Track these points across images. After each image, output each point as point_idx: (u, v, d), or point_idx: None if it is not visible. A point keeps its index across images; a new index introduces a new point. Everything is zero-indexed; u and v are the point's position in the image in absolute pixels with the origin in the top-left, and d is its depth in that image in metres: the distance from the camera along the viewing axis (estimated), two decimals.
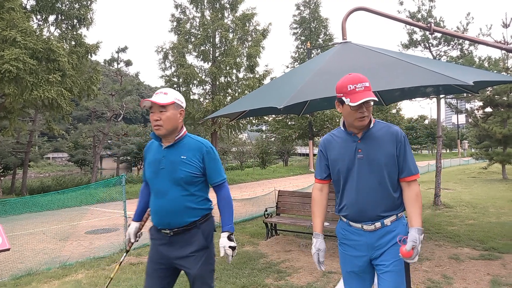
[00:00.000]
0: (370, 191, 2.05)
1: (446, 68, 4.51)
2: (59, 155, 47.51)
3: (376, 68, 4.59)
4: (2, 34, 9.60)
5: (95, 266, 5.18)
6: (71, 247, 6.74)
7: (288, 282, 4.28)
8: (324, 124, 25.68)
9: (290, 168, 27.95)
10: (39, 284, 4.54)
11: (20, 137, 20.67)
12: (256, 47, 18.83)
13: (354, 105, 1.92)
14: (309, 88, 4.80)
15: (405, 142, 2.08)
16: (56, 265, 5.40)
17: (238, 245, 5.95)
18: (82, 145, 31.49)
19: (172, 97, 2.25)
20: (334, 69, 5.09)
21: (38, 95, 10.17)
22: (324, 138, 2.27)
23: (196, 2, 19.15)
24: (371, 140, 2.06)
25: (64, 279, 4.69)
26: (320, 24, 27.32)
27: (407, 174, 2.05)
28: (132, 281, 4.43)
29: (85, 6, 13.04)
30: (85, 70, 13.11)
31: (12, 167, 22.49)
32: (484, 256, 5.01)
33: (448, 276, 4.30)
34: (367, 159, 2.05)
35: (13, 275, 5.02)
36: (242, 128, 21.78)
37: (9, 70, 9.37)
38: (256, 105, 5.24)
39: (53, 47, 10.23)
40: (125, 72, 29.11)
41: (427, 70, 4.11)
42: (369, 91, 1.97)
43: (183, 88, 18.96)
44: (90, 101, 15.71)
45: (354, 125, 2.05)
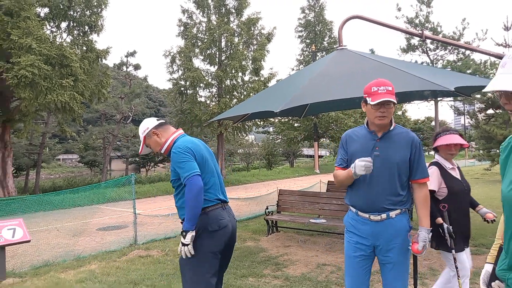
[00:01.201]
0: (379, 185, 2.27)
1: (431, 74, 4.83)
2: (69, 156, 48.30)
3: (368, 74, 4.91)
4: (18, 42, 10.14)
5: (107, 259, 5.58)
6: (84, 242, 7.16)
7: (284, 272, 4.63)
8: (329, 126, 25.91)
9: (295, 169, 28.23)
10: (56, 273, 4.94)
11: (32, 139, 21.33)
12: (261, 50, 19.21)
13: (374, 103, 2.19)
14: (305, 92, 5.14)
15: (420, 148, 2.33)
16: (71, 257, 5.82)
17: (241, 241, 6.32)
18: (92, 147, 32.16)
19: (140, 135, 2.71)
20: (330, 74, 5.44)
21: (52, 99, 10.68)
22: (346, 132, 2.50)
23: (202, 7, 19.59)
24: (389, 141, 2.30)
25: (79, 269, 5.09)
26: (325, 27, 27.61)
27: (420, 176, 2.31)
28: (141, 271, 4.82)
29: (96, 13, 13.56)
30: (96, 74, 13.63)
31: (25, 168, 23.20)
32: (472, 251, 5.26)
33: (434, 268, 4.61)
34: (382, 157, 2.28)
35: (32, 266, 5.46)
36: (248, 130, 22.15)
37: (25, 76, 9.90)
38: (256, 108, 5.61)
39: (66, 53, 10.73)
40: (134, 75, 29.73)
41: (413, 76, 4.44)
42: (390, 93, 2.21)
43: (190, 91, 19.39)
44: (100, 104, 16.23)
45: (375, 123, 2.29)
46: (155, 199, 14.65)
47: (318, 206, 6.65)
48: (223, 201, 2.59)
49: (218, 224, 2.46)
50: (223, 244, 2.51)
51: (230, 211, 2.66)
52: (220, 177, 2.69)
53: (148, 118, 2.77)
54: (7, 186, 13.16)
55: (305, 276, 4.46)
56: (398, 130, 2.35)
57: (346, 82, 4.97)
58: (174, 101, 20.76)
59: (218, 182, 2.61)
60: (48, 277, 4.74)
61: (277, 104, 4.79)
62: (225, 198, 2.65)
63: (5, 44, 10.73)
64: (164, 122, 2.72)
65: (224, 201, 2.61)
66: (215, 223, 2.45)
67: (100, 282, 4.47)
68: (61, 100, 10.91)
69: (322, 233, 6.79)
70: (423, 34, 6.29)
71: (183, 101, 19.77)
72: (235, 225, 2.67)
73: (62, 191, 9.49)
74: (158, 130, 2.64)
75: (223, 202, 2.59)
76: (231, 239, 2.60)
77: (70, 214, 10.41)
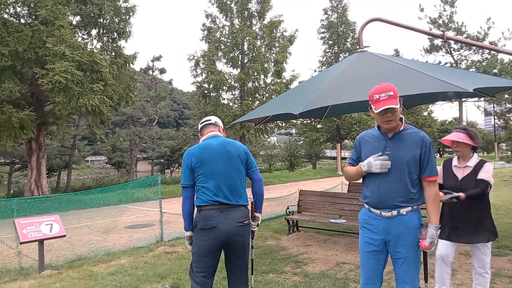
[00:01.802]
0: (390, 183, 2.37)
1: (450, 75, 4.84)
2: (97, 158, 49.83)
3: (387, 76, 4.98)
4: (53, 49, 10.77)
5: (135, 254, 5.89)
6: (113, 239, 7.54)
7: (304, 270, 4.76)
8: (352, 127, 25.70)
9: (318, 171, 28.14)
10: (89, 266, 5.28)
11: (64, 141, 22.34)
12: (283, 53, 19.37)
13: (377, 112, 2.31)
14: (324, 94, 5.25)
15: (430, 147, 2.39)
16: (102, 253, 6.17)
17: (262, 240, 6.50)
18: (120, 148, 33.21)
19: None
20: (350, 76, 5.54)
21: (84, 102, 11.27)
22: (360, 134, 2.63)
23: (225, 11, 19.97)
24: (400, 141, 2.40)
25: (110, 263, 5.41)
26: (347, 28, 27.42)
27: (429, 174, 2.38)
28: (167, 266, 5.08)
29: (124, 20, 14.16)
30: (124, 79, 14.20)
31: (57, 168, 24.30)
32: (494, 253, 5.22)
33: (454, 268, 4.60)
34: (393, 156, 2.38)
35: (66, 259, 5.84)
36: (270, 132, 22.33)
37: (59, 81, 10.51)
38: (276, 111, 5.77)
39: (96, 59, 11.30)
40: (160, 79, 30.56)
41: (431, 77, 4.48)
42: (392, 99, 2.29)
43: (213, 93, 19.79)
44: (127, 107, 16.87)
45: (382, 127, 2.43)
46: (179, 199, 15.02)
47: (339, 207, 6.73)
48: (221, 203, 2.62)
49: (205, 224, 2.60)
50: (214, 244, 2.61)
51: (232, 213, 2.64)
52: (229, 178, 2.68)
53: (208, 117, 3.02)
54: (41, 185, 13.91)
55: (324, 273, 4.58)
56: (409, 130, 2.43)
57: (365, 84, 5.04)
58: (198, 104, 21.22)
59: (218, 183, 2.64)
60: (81, 270, 5.08)
61: (297, 106, 4.92)
62: (227, 200, 2.64)
63: (41, 52, 11.41)
64: (208, 124, 2.93)
65: (222, 202, 2.62)
66: (203, 222, 2.61)
67: (129, 275, 4.75)
68: (92, 104, 11.49)
69: (343, 233, 6.85)
70: (444, 35, 6.28)
71: (206, 104, 20.19)
72: (233, 227, 2.62)
73: (92, 190, 9.98)
74: (202, 130, 2.95)
75: (221, 203, 2.62)
76: (227, 241, 2.63)
77: (99, 212, 10.91)
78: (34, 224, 5.10)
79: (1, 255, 6.28)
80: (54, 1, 11.59)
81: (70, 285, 4.43)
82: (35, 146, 13.65)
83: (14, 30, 11.21)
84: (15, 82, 11.66)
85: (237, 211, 2.68)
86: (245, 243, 2.74)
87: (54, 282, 4.53)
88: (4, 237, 6.53)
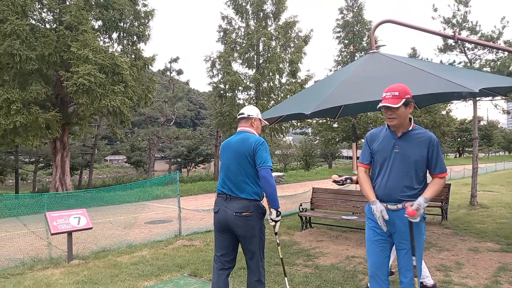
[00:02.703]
0: (397, 179, 2.55)
1: (459, 75, 4.98)
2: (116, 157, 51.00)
3: (395, 77, 5.16)
4: (77, 53, 11.31)
5: (155, 247, 6.25)
6: (134, 233, 7.93)
7: (315, 262, 5.00)
8: (368, 127, 25.59)
9: (333, 171, 28.16)
10: (113, 257, 5.65)
11: (85, 141, 23.14)
12: (298, 53, 19.51)
13: (377, 108, 2.57)
14: (336, 95, 5.46)
15: (437, 146, 2.57)
16: (124, 245, 6.55)
17: None
18: (138, 148, 34.02)
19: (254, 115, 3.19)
20: (360, 77, 5.72)
21: (106, 104, 11.77)
22: (370, 131, 2.81)
23: (241, 13, 20.26)
24: (408, 140, 2.57)
25: (132, 255, 5.78)
26: (363, 27, 27.30)
27: (439, 171, 2.57)
28: (185, 257, 5.40)
29: (144, 24, 14.66)
30: (143, 80, 14.69)
31: (78, 167, 25.17)
32: (503, 249, 5.34)
33: (461, 263, 4.76)
34: (401, 154, 2.56)
35: (92, 251, 6.23)
36: (285, 131, 22.52)
37: (83, 83, 11.03)
38: (289, 111, 6.01)
39: (117, 62, 11.79)
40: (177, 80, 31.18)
41: (438, 77, 4.64)
42: (395, 98, 2.49)
43: (229, 93, 20.11)
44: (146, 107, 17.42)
45: (388, 125, 2.62)
46: (196, 197, 15.47)
47: (351, 204, 6.93)
48: (225, 194, 2.98)
49: (214, 208, 3.07)
50: (217, 226, 3.04)
51: (232, 204, 2.93)
52: (235, 173, 2.97)
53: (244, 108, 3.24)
54: (65, 183, 14.54)
55: (334, 266, 4.80)
56: (417, 130, 2.60)
57: (375, 84, 5.23)
58: (214, 104, 21.59)
59: (225, 176, 3.02)
60: (106, 260, 5.45)
61: (309, 106, 5.14)
62: (229, 192, 2.96)
63: (66, 55, 11.98)
64: (240, 118, 3.17)
65: (227, 194, 2.97)
66: (214, 206, 3.07)
67: (151, 265, 5.09)
68: (113, 105, 11.99)
69: (355, 230, 7.04)
70: (455, 36, 6.37)
71: (222, 104, 20.54)
72: (231, 217, 2.91)
73: (114, 187, 10.43)
74: (238, 123, 3.21)
75: (225, 194, 2.98)
76: (228, 227, 2.96)
77: (120, 209, 11.38)
78: (64, 217, 5.51)
79: (34, 246, 6.75)
80: (78, 6, 12.15)
81: (97, 273, 4.80)
82: (59, 146, 14.29)
83: (41, 35, 11.82)
84: (42, 84, 12.27)
85: (236, 202, 2.93)
86: (244, 233, 2.93)
87: (82, 270, 4.91)
88: (36, 230, 6.99)
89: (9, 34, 11.00)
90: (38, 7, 13.30)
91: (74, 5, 12.31)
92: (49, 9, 13.37)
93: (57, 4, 13.14)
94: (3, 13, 11.17)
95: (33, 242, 6.99)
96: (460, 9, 9.05)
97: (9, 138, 12.53)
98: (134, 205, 11.99)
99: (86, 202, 10.25)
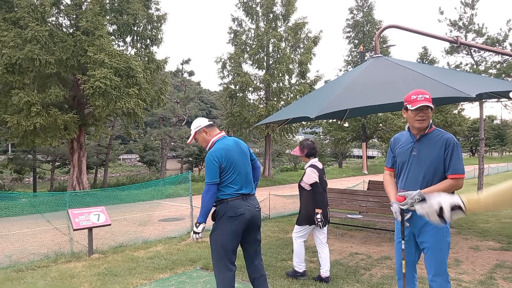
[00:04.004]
0: (415, 180, 2.62)
1: (458, 80, 5.18)
2: (129, 156, 51.75)
3: (397, 81, 5.40)
4: (93, 57, 11.78)
5: (169, 243, 6.60)
6: (149, 230, 8.32)
7: None
8: (378, 126, 25.64)
9: (343, 170, 28.25)
10: (130, 252, 6.03)
11: (100, 141, 23.78)
12: (307, 54, 19.74)
13: (413, 108, 2.52)
14: (340, 99, 5.70)
15: (454, 147, 2.58)
16: (140, 241, 6.92)
17: (283, 233, 7.05)
18: (151, 147, 34.64)
19: (193, 130, 3.27)
20: (364, 82, 5.96)
21: (121, 106, 12.23)
22: (394, 136, 2.91)
23: (251, 14, 20.57)
24: (426, 142, 2.64)
25: (148, 250, 6.14)
26: (373, 27, 27.30)
27: (451, 172, 2.57)
28: (198, 252, 5.74)
29: (156, 27, 15.10)
30: (156, 82, 15.13)
31: (93, 166, 25.87)
32: (503, 248, 5.53)
33: (460, 260, 4.98)
34: (418, 156, 2.64)
35: (109, 246, 6.62)
36: (295, 131, 22.76)
37: (99, 86, 11.51)
38: (295, 114, 6.29)
39: (132, 66, 12.23)
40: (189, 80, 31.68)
41: (437, 82, 4.86)
42: (427, 100, 2.54)
43: (239, 94, 20.45)
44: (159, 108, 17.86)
45: (415, 127, 2.62)
46: None
47: (356, 203, 7.16)
48: (244, 194, 3.11)
49: (235, 212, 3.03)
50: (242, 227, 3.07)
51: (251, 201, 3.14)
52: (246, 173, 3.18)
53: (201, 118, 3.44)
54: (82, 182, 15.09)
55: (338, 261, 5.08)
56: (436, 132, 2.66)
57: (378, 88, 5.48)
58: (225, 104, 21.96)
59: (241, 179, 3.13)
60: (124, 255, 5.82)
61: (314, 109, 5.40)
62: (247, 191, 3.14)
63: (83, 59, 12.48)
64: (213, 124, 3.37)
65: (245, 193, 3.12)
66: (232, 211, 3.03)
67: (165, 259, 5.44)
68: (128, 107, 12.44)
69: (360, 228, 7.28)
70: (457, 41, 6.55)
71: (233, 104, 20.89)
72: (255, 212, 3.14)
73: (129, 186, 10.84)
74: (208, 129, 3.24)
75: (244, 194, 3.11)
76: (252, 223, 3.12)
77: (135, 207, 11.82)
78: (84, 214, 5.89)
79: (55, 241, 7.19)
80: (94, 12, 12.62)
81: (116, 266, 5.17)
82: (76, 146, 14.84)
83: (59, 40, 12.33)
84: (60, 87, 12.79)
85: (253, 199, 3.22)
86: (260, 224, 3.30)
87: (102, 264, 5.29)
88: (59, 226, 7.43)
89: (29, 39, 11.53)
90: (55, 12, 13.83)
91: (90, 10, 12.79)
92: (66, 14, 13.91)
93: (74, 10, 13.65)
94: (24, 19, 11.71)
95: (54, 238, 7.43)
96: (467, 12, 9.18)
97: (29, 139, 13.11)
98: (148, 204, 12.44)
99: (103, 200, 10.71)
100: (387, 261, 5.03)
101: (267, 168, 21.52)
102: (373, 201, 6.86)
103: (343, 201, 7.37)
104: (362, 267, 4.79)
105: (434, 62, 18.42)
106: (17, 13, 12.06)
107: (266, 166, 21.61)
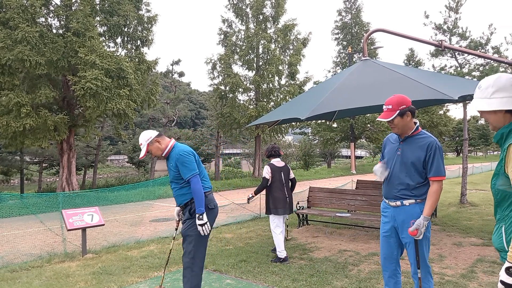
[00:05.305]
0: (397, 178, 2.84)
1: (442, 83, 5.42)
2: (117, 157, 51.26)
3: (383, 84, 5.60)
4: (84, 58, 11.77)
5: (162, 242, 6.70)
6: (140, 231, 8.38)
7: (309, 255, 5.44)
8: (366, 127, 26.05)
9: (332, 170, 28.59)
10: (124, 251, 6.10)
11: (89, 142, 23.61)
12: (296, 55, 19.96)
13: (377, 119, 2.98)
14: (329, 101, 5.89)
15: (436, 150, 2.73)
16: (132, 241, 6.99)
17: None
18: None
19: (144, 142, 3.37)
20: (353, 84, 6.16)
21: (111, 107, 12.23)
22: (387, 136, 3.12)
23: (241, 16, 20.71)
24: (409, 144, 2.83)
25: (141, 249, 6.23)
26: (361, 29, 27.73)
27: (432, 174, 2.72)
28: None
29: (147, 28, 15.11)
30: (147, 83, 15.15)
31: (82, 167, 25.65)
32: (484, 243, 5.78)
33: (443, 255, 5.20)
34: (402, 156, 2.84)
35: (102, 246, 6.68)
36: (284, 132, 22.96)
37: (90, 88, 11.50)
38: (286, 115, 6.45)
39: (123, 67, 12.24)
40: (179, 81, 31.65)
41: (422, 85, 5.08)
42: (389, 112, 2.75)
43: (229, 95, 20.55)
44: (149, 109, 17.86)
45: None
46: None
47: (345, 202, 7.36)
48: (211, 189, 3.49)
49: (214, 204, 3.37)
50: (215, 219, 3.41)
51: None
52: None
53: (147, 130, 3.56)
54: (71, 183, 15.00)
55: (327, 258, 5.25)
56: (421, 135, 2.82)
57: (365, 91, 5.68)
58: (215, 105, 22.03)
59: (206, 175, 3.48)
60: (118, 254, 5.90)
61: (304, 111, 5.58)
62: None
63: (73, 61, 12.44)
64: (161, 133, 3.50)
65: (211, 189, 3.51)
66: (212, 203, 3.35)
67: (158, 258, 5.55)
68: (118, 108, 12.45)
69: (349, 226, 7.48)
70: (442, 45, 6.78)
71: (223, 105, 20.97)
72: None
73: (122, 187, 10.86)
74: (159, 138, 3.38)
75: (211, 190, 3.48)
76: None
77: (125, 208, 11.84)
78: (78, 214, 5.95)
79: (47, 242, 7.20)
80: (84, 13, 12.59)
81: (110, 265, 5.25)
82: (66, 147, 14.75)
83: (49, 41, 12.26)
84: (50, 88, 12.72)
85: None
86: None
87: (96, 263, 5.36)
88: (51, 227, 7.45)
89: (19, 40, 11.45)
90: (45, 13, 13.74)
91: (80, 11, 12.76)
92: (56, 15, 13.82)
93: (64, 11, 13.59)
94: (14, 20, 11.63)
95: (46, 239, 7.44)
96: (451, 16, 9.48)
97: (19, 140, 13.00)
98: (139, 204, 12.47)
99: (94, 201, 10.72)
100: (374, 257, 5.22)
101: (257, 169, 21.67)
102: (361, 200, 7.07)
103: (332, 200, 7.57)
104: (350, 263, 4.97)
105: (420, 64, 18.82)
106: (6, 13, 11.98)
107: (256, 167, 21.75)
